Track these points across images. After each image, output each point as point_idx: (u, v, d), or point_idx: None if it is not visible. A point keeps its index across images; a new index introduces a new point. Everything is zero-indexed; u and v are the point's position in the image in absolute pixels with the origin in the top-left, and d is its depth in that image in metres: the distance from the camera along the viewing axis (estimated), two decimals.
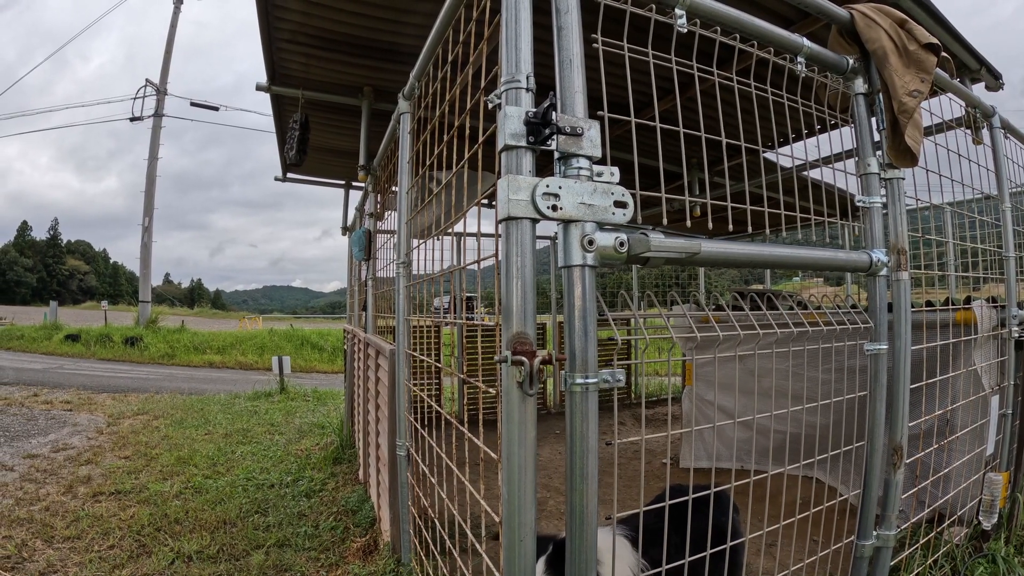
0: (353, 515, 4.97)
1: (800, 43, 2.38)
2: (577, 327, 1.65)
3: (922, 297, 3.86)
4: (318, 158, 7.65)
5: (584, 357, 1.65)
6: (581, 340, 1.65)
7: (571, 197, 1.66)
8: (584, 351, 1.65)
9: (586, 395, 1.65)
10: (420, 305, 3.88)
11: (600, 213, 1.69)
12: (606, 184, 1.73)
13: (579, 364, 1.65)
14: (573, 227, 1.66)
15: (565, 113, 1.75)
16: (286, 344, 23.85)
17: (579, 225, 1.66)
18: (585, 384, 1.64)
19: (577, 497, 1.66)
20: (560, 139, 1.68)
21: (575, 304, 1.66)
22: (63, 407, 10.33)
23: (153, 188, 29.30)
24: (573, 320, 1.66)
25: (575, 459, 1.65)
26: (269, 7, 4.29)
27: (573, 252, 1.66)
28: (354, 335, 7.06)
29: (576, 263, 1.66)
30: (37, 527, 4.78)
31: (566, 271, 1.69)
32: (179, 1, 31.05)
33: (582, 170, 1.71)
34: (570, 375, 1.65)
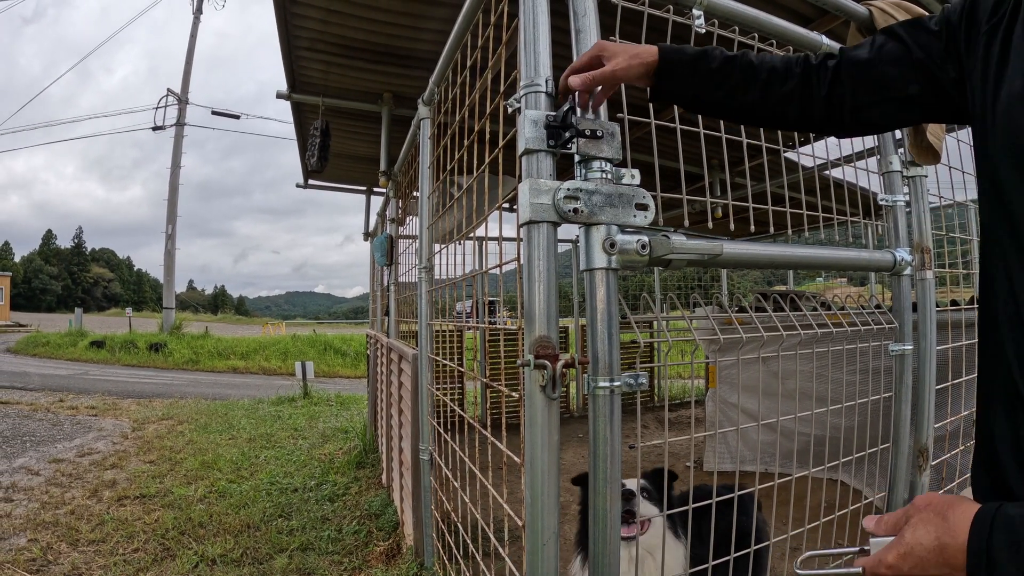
0: (376, 519, 4.98)
1: (819, 41, 2.37)
2: (600, 330, 1.62)
3: (947, 296, 3.81)
4: (339, 164, 7.69)
5: (607, 360, 1.62)
6: (604, 343, 1.62)
7: (592, 200, 1.62)
8: (607, 354, 1.62)
9: (609, 399, 1.61)
10: (442, 309, 3.89)
11: (622, 216, 1.64)
12: (627, 186, 1.68)
13: (602, 367, 1.61)
14: (595, 230, 1.62)
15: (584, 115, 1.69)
16: (309, 349, 23.97)
17: (601, 228, 1.62)
18: (609, 387, 1.61)
19: (600, 500, 1.62)
20: (580, 142, 1.64)
21: (598, 307, 1.62)
22: (88, 412, 10.44)
23: (176, 196, 29.60)
24: (596, 323, 1.62)
25: (598, 462, 1.62)
26: (288, 16, 4.32)
27: (595, 255, 1.62)
28: (377, 340, 7.08)
29: (598, 266, 1.62)
30: (62, 530, 4.83)
31: (588, 274, 1.64)
32: (199, 11, 31.38)
33: (603, 173, 1.67)
34: (593, 378, 1.62)
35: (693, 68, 1.47)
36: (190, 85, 30.52)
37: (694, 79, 1.48)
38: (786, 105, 1.43)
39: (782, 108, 1.44)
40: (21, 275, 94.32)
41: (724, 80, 1.45)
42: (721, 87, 1.46)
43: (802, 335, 2.41)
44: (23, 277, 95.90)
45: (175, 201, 29.59)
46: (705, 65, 1.46)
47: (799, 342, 5.50)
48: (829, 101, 1.38)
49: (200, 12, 31.51)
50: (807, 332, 2.38)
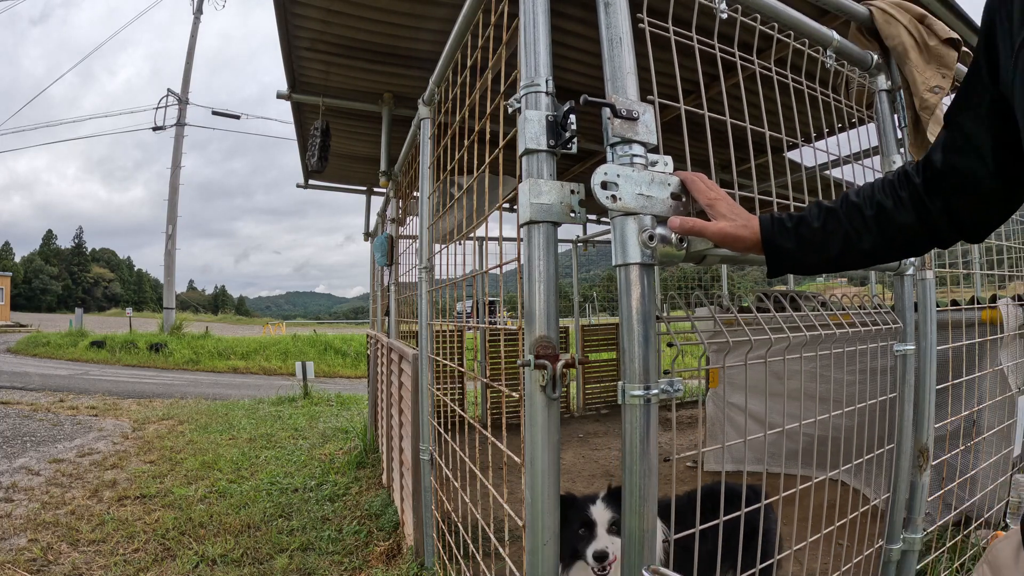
0: (376, 519, 4.98)
1: (831, 36, 2.36)
2: (636, 332, 1.52)
3: (947, 296, 3.81)
4: (339, 165, 7.69)
5: (644, 366, 1.53)
6: (640, 347, 1.52)
7: (629, 187, 1.52)
8: (644, 359, 1.53)
9: (646, 409, 1.54)
10: (442, 310, 3.89)
11: (658, 205, 1.55)
12: (662, 174, 1.58)
13: (638, 374, 1.52)
14: (630, 221, 1.52)
15: (616, 95, 1.60)
16: (309, 349, 23.99)
17: (638, 218, 1.52)
18: (645, 396, 1.53)
19: (635, 520, 1.53)
20: (616, 123, 1.54)
21: (633, 306, 1.53)
22: (88, 412, 10.45)
23: (176, 196, 29.63)
24: (631, 324, 1.52)
25: (633, 479, 1.52)
26: (288, 16, 4.32)
27: (630, 248, 1.53)
28: (377, 340, 7.08)
29: (633, 261, 1.53)
30: (62, 530, 4.83)
31: (622, 270, 1.56)
32: (199, 12, 31.39)
33: (636, 157, 1.56)
34: (628, 385, 1.52)
35: (797, 235, 1.43)
36: (191, 85, 30.55)
37: (803, 246, 1.44)
38: (912, 236, 1.37)
39: (908, 239, 1.38)
40: (21, 275, 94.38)
41: (833, 235, 1.41)
42: (833, 243, 1.41)
43: (807, 337, 2.41)
44: (23, 277, 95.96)
45: (175, 201, 29.61)
46: (807, 228, 1.43)
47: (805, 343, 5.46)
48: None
49: (200, 12, 31.52)
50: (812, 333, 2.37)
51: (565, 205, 1.72)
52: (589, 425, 9.30)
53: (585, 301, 18.62)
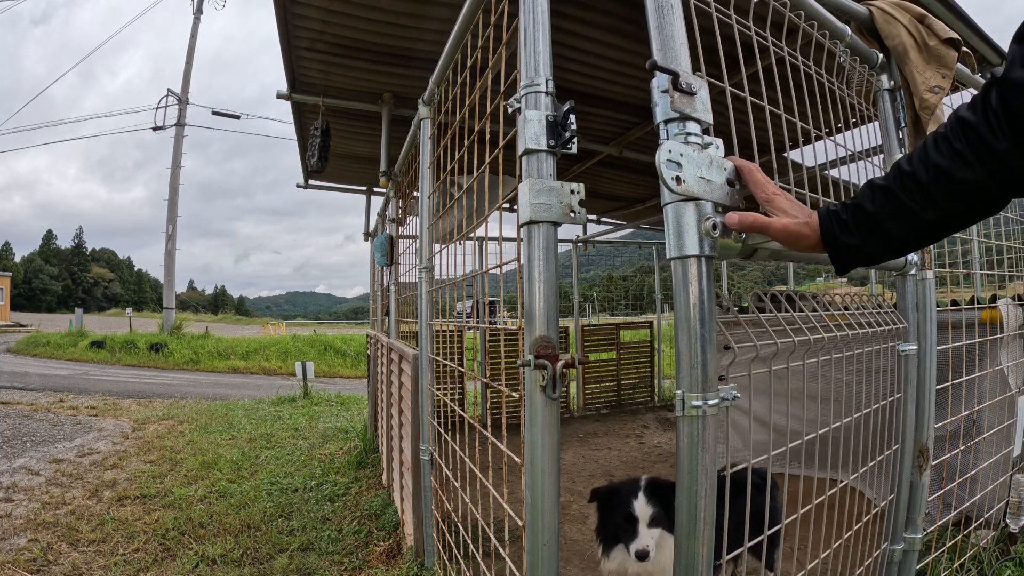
0: (376, 519, 4.98)
1: (845, 30, 2.36)
2: (696, 332, 1.37)
3: (947, 296, 3.81)
4: (339, 165, 7.69)
5: (703, 371, 1.37)
6: (698, 350, 1.37)
7: (692, 169, 1.38)
8: (703, 364, 1.37)
9: (704, 421, 1.37)
10: (442, 310, 3.89)
11: (716, 191, 1.42)
12: (719, 157, 1.46)
13: (698, 381, 1.37)
14: (689, 207, 1.38)
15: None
16: (309, 349, 24.00)
17: (698, 205, 1.38)
18: (704, 406, 1.36)
19: (692, 544, 1.39)
20: (676, 96, 1.40)
21: (691, 304, 1.37)
22: (88, 412, 10.45)
23: (176, 196, 29.63)
24: (689, 324, 1.37)
25: (690, 499, 1.37)
26: (288, 16, 4.32)
27: (688, 238, 1.37)
28: (377, 340, 7.08)
29: (691, 253, 1.37)
30: (62, 530, 4.84)
31: (678, 263, 1.40)
32: (199, 11, 31.39)
33: (692, 136, 1.42)
34: (687, 394, 1.37)
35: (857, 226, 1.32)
36: (191, 85, 30.55)
37: (865, 237, 1.32)
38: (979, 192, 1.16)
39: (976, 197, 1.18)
40: (21, 275, 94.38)
41: (892, 215, 1.27)
42: (895, 224, 1.28)
43: (825, 339, 2.41)
44: (23, 277, 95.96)
45: (175, 201, 29.61)
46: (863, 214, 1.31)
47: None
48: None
49: (200, 12, 31.52)
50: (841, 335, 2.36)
51: (565, 205, 1.71)
52: (589, 425, 9.30)
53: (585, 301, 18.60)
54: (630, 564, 2.83)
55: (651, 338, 10.94)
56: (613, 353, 10.49)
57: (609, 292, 28.28)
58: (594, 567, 4.27)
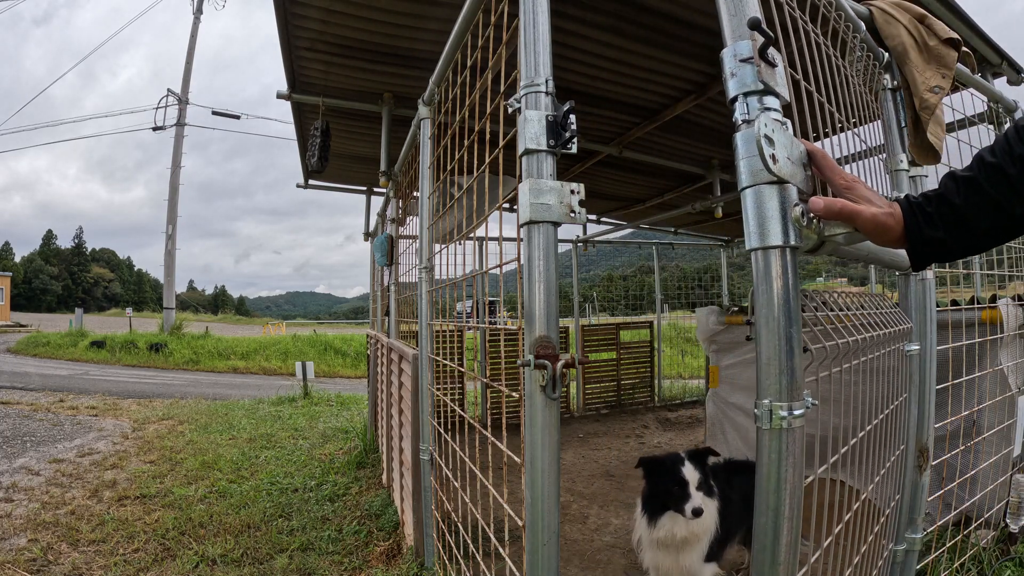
0: (376, 519, 4.98)
1: (860, 24, 2.35)
2: (782, 333, 1.24)
3: (947, 296, 3.81)
4: (339, 165, 7.69)
5: (791, 378, 1.24)
6: (785, 354, 1.24)
7: (783, 149, 1.24)
8: (790, 369, 1.24)
9: (792, 433, 1.24)
10: (443, 310, 3.89)
11: (799, 176, 1.29)
12: (796, 139, 1.32)
13: (785, 389, 1.24)
14: (773, 191, 1.24)
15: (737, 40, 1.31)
16: (309, 349, 24.00)
17: (783, 190, 1.24)
18: (790, 417, 1.23)
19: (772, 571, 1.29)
20: (761, 67, 1.26)
21: (776, 301, 1.24)
22: (88, 412, 10.44)
23: (176, 196, 29.62)
24: (772, 322, 1.25)
25: (775, 520, 1.27)
26: (288, 16, 4.32)
27: (772, 226, 1.23)
28: (377, 340, 7.08)
29: (775, 243, 1.24)
30: (62, 530, 4.84)
31: (759, 255, 1.26)
32: (199, 11, 31.39)
33: (773, 113, 1.27)
34: (774, 404, 1.25)
35: (942, 220, 1.27)
36: (191, 85, 30.54)
37: (951, 230, 1.27)
38: None
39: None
40: (21, 275, 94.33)
41: (979, 209, 1.23)
42: (981, 218, 1.23)
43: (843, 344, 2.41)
44: (23, 277, 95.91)
45: (175, 201, 29.60)
46: (949, 207, 1.26)
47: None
48: None
49: (200, 12, 31.50)
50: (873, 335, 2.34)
51: (565, 205, 1.71)
52: (589, 425, 9.31)
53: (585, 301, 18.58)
54: (678, 528, 3.10)
55: (651, 338, 10.94)
56: (613, 353, 10.50)
57: (609, 292, 28.31)
58: (594, 567, 4.27)
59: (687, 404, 10.93)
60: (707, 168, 7.26)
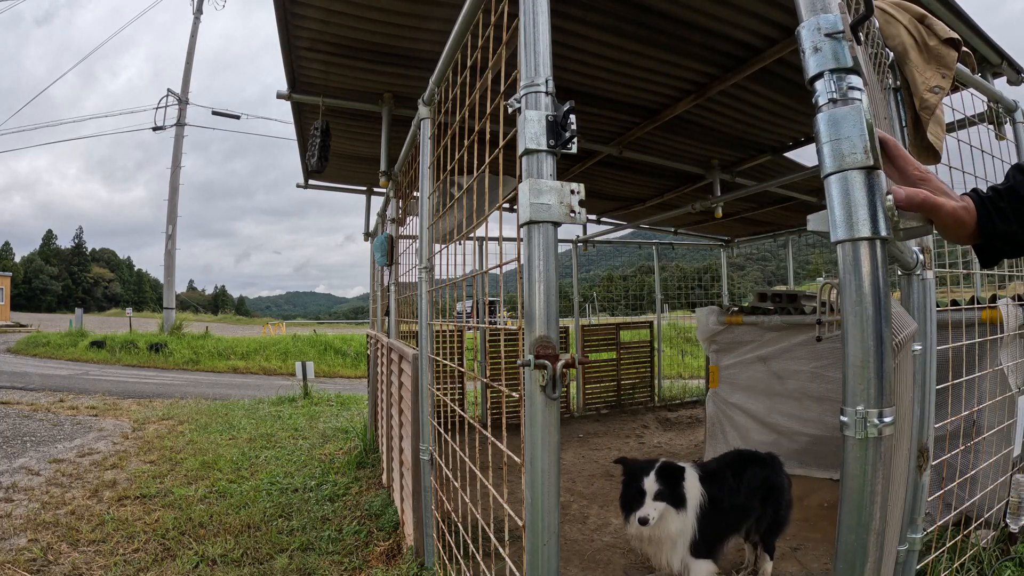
0: (376, 519, 4.98)
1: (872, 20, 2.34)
2: (874, 333, 1.12)
3: (947, 296, 3.81)
4: (339, 165, 7.69)
5: (881, 382, 1.12)
6: (878, 356, 1.12)
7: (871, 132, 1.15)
8: (880, 371, 1.11)
9: (882, 443, 1.12)
10: (442, 310, 3.89)
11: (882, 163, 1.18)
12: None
13: (875, 393, 1.12)
14: (861, 178, 1.14)
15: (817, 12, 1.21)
16: (309, 349, 24.00)
17: (872, 175, 1.14)
18: (882, 425, 1.11)
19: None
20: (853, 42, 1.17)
21: (866, 298, 1.13)
22: (88, 412, 10.44)
23: (176, 196, 29.63)
24: (863, 321, 1.13)
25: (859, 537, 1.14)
26: (288, 16, 4.32)
27: (861, 216, 1.13)
28: (377, 340, 7.08)
29: (865, 234, 1.13)
30: (62, 530, 4.84)
31: (848, 247, 1.16)
32: (199, 11, 31.40)
33: (855, 92, 1.17)
34: (868, 411, 1.12)
35: (1016, 213, 1.23)
36: (191, 86, 30.54)
37: (1021, 220, 1.23)
38: None
39: None
40: (21, 275, 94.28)
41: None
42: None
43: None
44: (23, 277, 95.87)
45: (175, 201, 29.60)
46: (1020, 200, 1.23)
47: (800, 342, 5.48)
48: None
49: (200, 12, 31.51)
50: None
51: (565, 205, 1.71)
52: (589, 425, 9.31)
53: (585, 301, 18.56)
54: (645, 529, 3.38)
55: (651, 338, 10.95)
56: (613, 353, 10.50)
57: (609, 292, 28.32)
58: (594, 567, 4.28)
59: (687, 404, 10.94)
60: (707, 168, 7.26)
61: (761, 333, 6.26)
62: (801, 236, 10.90)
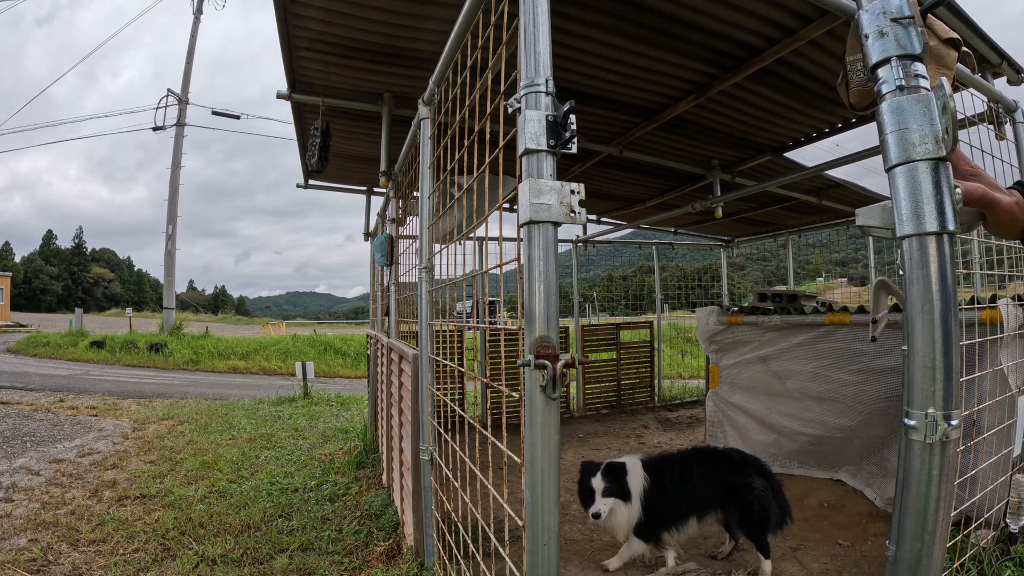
0: (376, 519, 4.98)
1: None
2: (943, 333, 1.08)
3: None
4: (339, 165, 7.69)
5: (948, 383, 1.07)
6: (942, 355, 1.07)
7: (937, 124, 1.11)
8: (948, 373, 1.08)
9: (948, 446, 1.09)
10: (443, 310, 3.89)
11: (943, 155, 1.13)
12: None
13: (943, 396, 1.08)
14: (929, 170, 1.10)
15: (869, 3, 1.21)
16: (309, 349, 23.99)
17: (939, 167, 1.10)
18: (948, 428, 1.07)
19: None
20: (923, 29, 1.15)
21: (935, 297, 1.08)
22: (89, 412, 10.45)
23: (176, 196, 29.61)
24: (932, 321, 1.09)
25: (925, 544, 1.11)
26: (288, 16, 4.32)
27: (928, 209, 1.09)
28: (377, 340, 7.08)
29: (933, 228, 1.09)
30: (62, 530, 4.84)
31: (914, 242, 1.12)
32: (199, 11, 31.39)
33: (922, 80, 1.15)
34: (937, 414, 1.07)
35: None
36: (192, 86, 30.54)
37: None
38: None
39: None
40: (21, 275, 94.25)
41: None
42: None
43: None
44: (23, 277, 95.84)
45: (175, 201, 29.59)
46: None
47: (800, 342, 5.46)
48: None
49: (200, 12, 31.49)
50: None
51: (565, 205, 1.71)
52: (589, 425, 9.31)
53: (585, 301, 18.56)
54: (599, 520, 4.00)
55: (651, 338, 10.94)
56: (613, 353, 10.50)
57: (609, 292, 28.29)
58: (594, 567, 4.28)
59: (687, 404, 10.93)
60: (707, 168, 7.25)
61: (761, 333, 6.26)
62: (801, 236, 10.88)
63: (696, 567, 4.16)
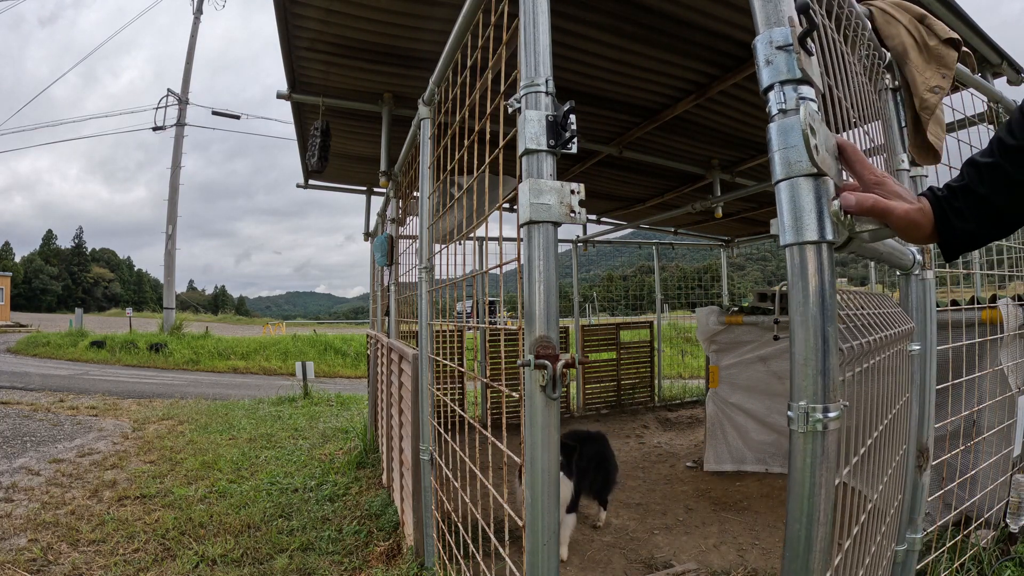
0: (376, 519, 4.98)
1: (866, 22, 2.33)
2: (819, 333, 1.18)
3: (947, 296, 3.81)
4: (339, 165, 7.69)
5: (826, 379, 1.18)
6: (821, 355, 1.18)
7: (822, 140, 1.21)
8: (824, 368, 1.18)
9: (827, 436, 1.18)
10: (443, 310, 3.89)
11: (833, 169, 1.24)
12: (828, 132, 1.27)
13: (819, 390, 1.18)
14: (809, 185, 1.19)
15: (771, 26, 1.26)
16: (309, 349, 23.99)
17: (820, 183, 1.19)
18: (826, 419, 1.17)
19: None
20: (802, 54, 1.22)
21: (811, 300, 1.18)
22: (88, 412, 10.44)
23: (176, 196, 29.62)
24: (808, 321, 1.19)
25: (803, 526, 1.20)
26: (288, 16, 4.32)
27: (808, 221, 1.19)
28: (377, 340, 7.08)
29: (811, 238, 1.19)
30: (62, 530, 4.84)
31: (795, 251, 1.21)
32: (199, 12, 31.40)
33: (810, 103, 1.21)
34: (810, 406, 1.18)
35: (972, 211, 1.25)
36: (192, 86, 30.54)
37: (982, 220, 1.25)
38: None
39: None
40: (21, 275, 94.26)
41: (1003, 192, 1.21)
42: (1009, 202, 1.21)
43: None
44: (23, 277, 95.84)
45: (175, 201, 29.60)
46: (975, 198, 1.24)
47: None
48: None
49: (200, 12, 31.50)
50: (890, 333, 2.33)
51: (565, 205, 1.71)
52: (589, 425, 9.31)
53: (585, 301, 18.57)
54: None
55: (651, 338, 10.95)
56: (613, 353, 10.51)
57: (609, 292, 28.31)
58: (594, 567, 4.27)
59: (687, 404, 10.94)
60: (707, 168, 7.26)
61: (761, 333, 6.26)
62: None
63: (696, 567, 4.15)
